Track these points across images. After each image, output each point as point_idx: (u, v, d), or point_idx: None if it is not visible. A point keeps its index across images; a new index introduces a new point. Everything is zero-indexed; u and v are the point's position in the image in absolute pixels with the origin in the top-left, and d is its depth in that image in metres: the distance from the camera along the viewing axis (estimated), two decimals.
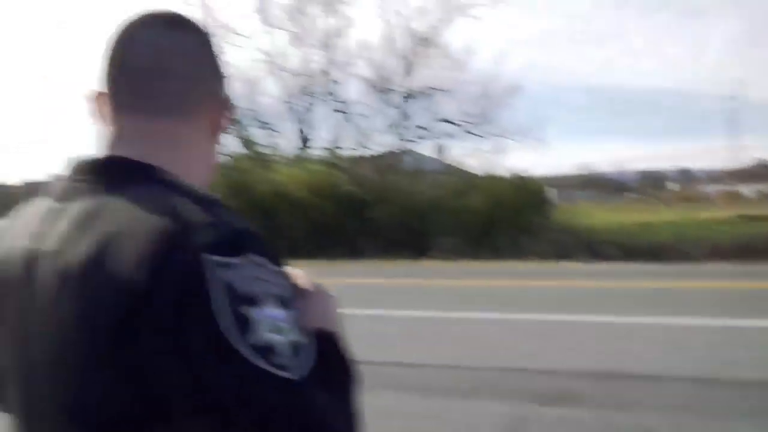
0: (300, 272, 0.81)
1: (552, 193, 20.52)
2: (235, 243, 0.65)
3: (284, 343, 0.63)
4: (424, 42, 20.03)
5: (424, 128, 20.85)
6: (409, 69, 20.09)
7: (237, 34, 16.77)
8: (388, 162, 19.46)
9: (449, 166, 20.82)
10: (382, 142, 20.48)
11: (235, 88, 14.89)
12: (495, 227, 14.76)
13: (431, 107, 20.67)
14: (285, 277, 0.69)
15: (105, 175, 0.74)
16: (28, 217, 0.78)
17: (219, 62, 0.84)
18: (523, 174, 18.33)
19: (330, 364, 0.71)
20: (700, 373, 4.39)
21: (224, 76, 0.85)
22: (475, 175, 18.54)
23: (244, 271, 0.63)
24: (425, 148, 22.79)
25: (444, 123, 21.00)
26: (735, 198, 28.21)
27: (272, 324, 0.63)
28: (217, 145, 0.87)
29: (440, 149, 22.95)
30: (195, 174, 0.80)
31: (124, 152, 0.76)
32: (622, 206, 35.54)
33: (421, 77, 20.19)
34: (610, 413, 3.75)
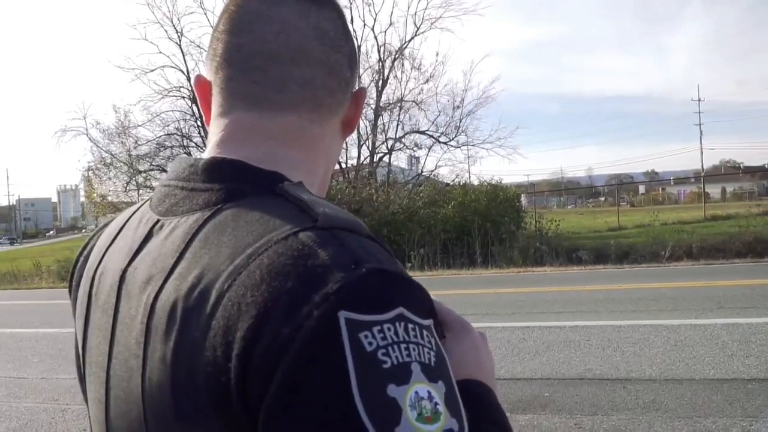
0: (442, 305, 0.62)
1: (525, 200, 20.78)
2: (384, 294, 0.48)
3: None
4: (396, 55, 20.21)
5: (397, 140, 21.00)
6: (380, 82, 20.22)
7: None
8: (361, 174, 19.52)
9: (422, 176, 20.96)
10: (355, 155, 20.58)
11: None
12: (468, 236, 14.92)
13: (404, 119, 20.83)
14: (432, 333, 0.50)
15: (218, 182, 0.59)
16: (124, 230, 0.67)
17: (354, 46, 0.69)
18: (496, 182, 18.58)
19: (482, 424, 0.55)
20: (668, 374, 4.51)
21: (358, 63, 0.70)
22: (448, 185, 18.71)
23: (391, 333, 0.47)
24: (399, 160, 22.96)
25: (416, 134, 21.19)
26: (702, 198, 28.84)
27: (422, 409, 0.46)
28: (341, 148, 0.73)
29: (413, 161, 23.11)
30: (318, 183, 0.67)
31: (239, 154, 0.61)
32: (593, 210, 36.09)
33: (393, 90, 20.34)
34: (580, 418, 3.85)
